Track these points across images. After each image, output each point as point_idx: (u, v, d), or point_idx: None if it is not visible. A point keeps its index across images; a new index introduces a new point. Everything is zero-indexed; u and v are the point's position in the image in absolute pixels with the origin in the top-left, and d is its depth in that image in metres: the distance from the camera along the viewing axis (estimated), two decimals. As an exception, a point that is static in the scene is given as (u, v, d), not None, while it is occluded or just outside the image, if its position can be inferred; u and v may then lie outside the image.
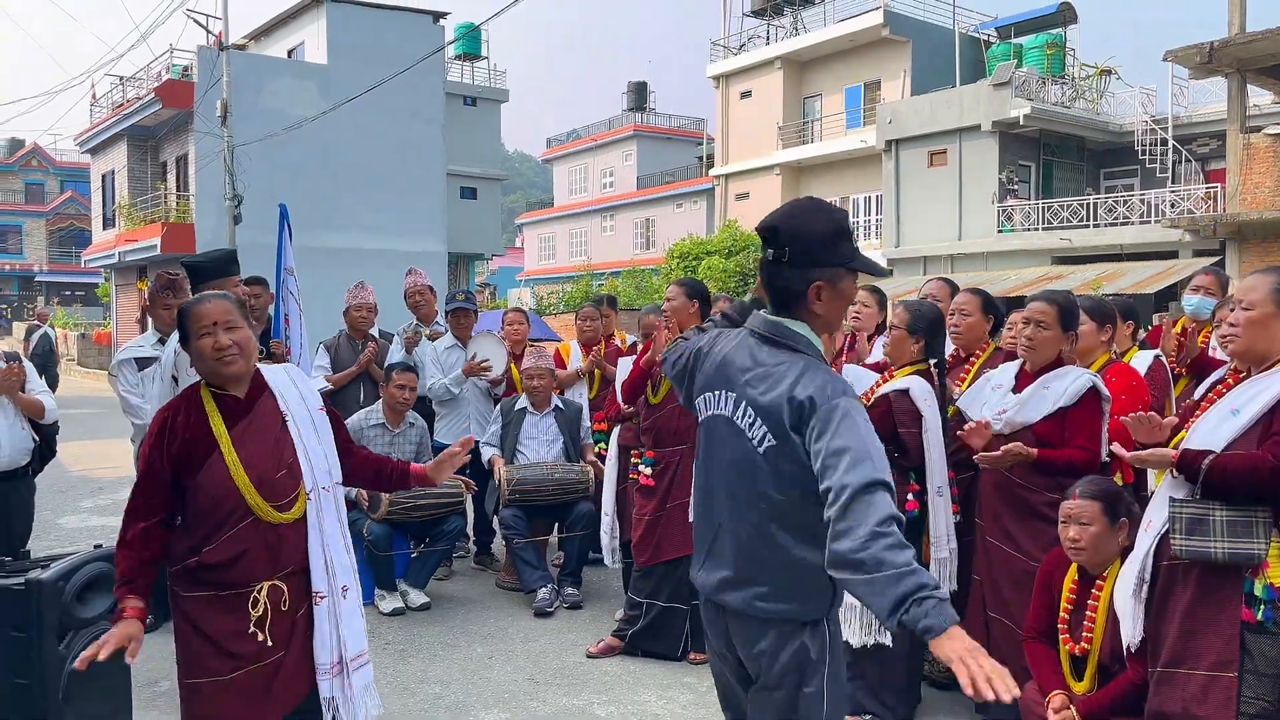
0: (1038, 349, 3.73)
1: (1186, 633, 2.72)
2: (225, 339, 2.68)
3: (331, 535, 2.77)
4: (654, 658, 4.83)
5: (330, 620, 2.74)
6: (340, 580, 2.78)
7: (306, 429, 2.79)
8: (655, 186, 39.51)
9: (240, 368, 2.71)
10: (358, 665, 2.79)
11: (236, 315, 2.73)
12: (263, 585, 2.65)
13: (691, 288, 4.99)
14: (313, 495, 2.74)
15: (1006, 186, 23.34)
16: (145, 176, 26.53)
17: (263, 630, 2.64)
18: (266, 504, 2.65)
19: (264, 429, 2.73)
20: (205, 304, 2.73)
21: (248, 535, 2.64)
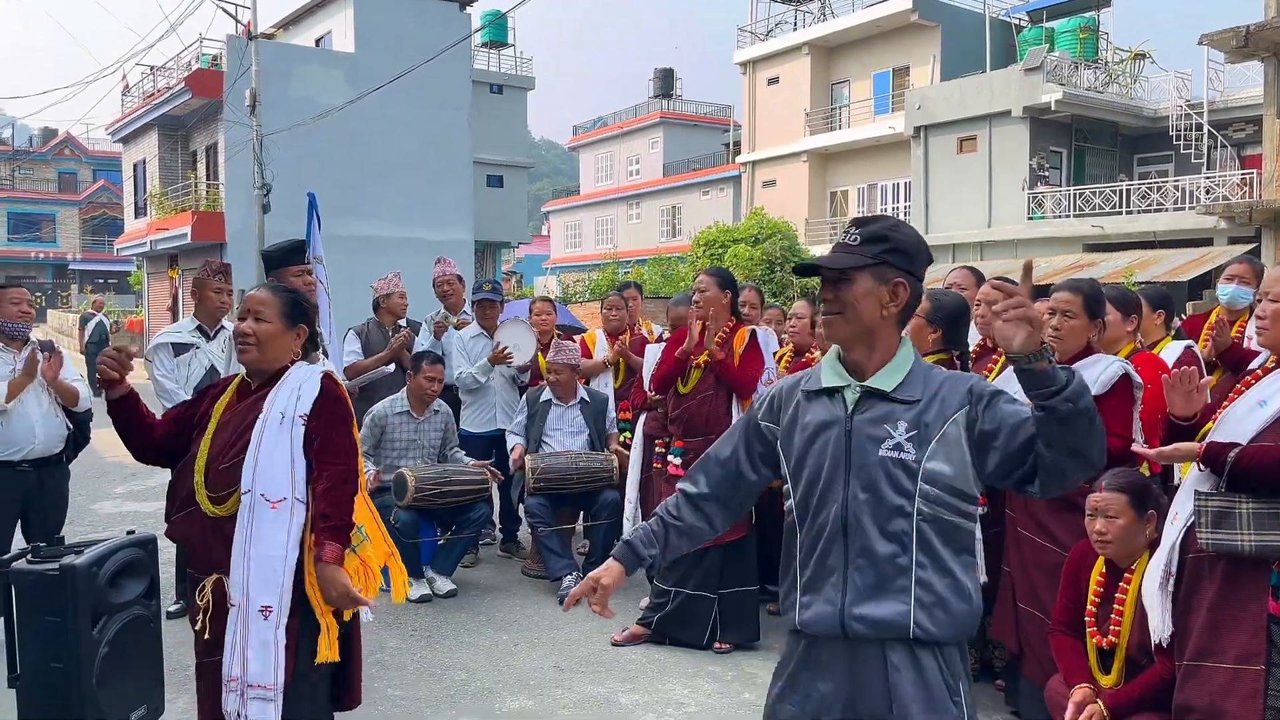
0: (1066, 339, 3.70)
1: (1213, 626, 2.69)
2: (247, 327, 2.76)
3: (263, 547, 2.61)
4: (679, 646, 4.85)
5: (237, 632, 2.60)
6: (260, 598, 2.59)
7: (274, 433, 2.68)
8: (681, 174, 39.39)
9: (252, 357, 2.78)
10: (255, 696, 2.58)
11: (272, 309, 2.78)
12: (210, 577, 2.69)
13: (723, 278, 4.99)
14: (246, 498, 2.65)
15: (1037, 173, 23.07)
16: (176, 165, 26.79)
17: (204, 621, 2.68)
18: (204, 491, 2.70)
19: (239, 420, 2.77)
20: (255, 291, 2.85)
21: (194, 519, 2.73)
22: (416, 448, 5.84)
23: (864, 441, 2.03)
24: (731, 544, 4.81)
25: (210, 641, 2.68)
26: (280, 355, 2.81)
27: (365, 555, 2.90)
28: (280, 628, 2.59)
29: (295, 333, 2.84)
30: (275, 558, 2.61)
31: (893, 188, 28.02)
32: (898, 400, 2.04)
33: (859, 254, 2.09)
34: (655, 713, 4.09)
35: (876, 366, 2.08)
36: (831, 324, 2.12)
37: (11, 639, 3.63)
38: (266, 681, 2.58)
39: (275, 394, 2.76)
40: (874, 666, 2.02)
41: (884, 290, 2.07)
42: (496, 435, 6.38)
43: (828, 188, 30.20)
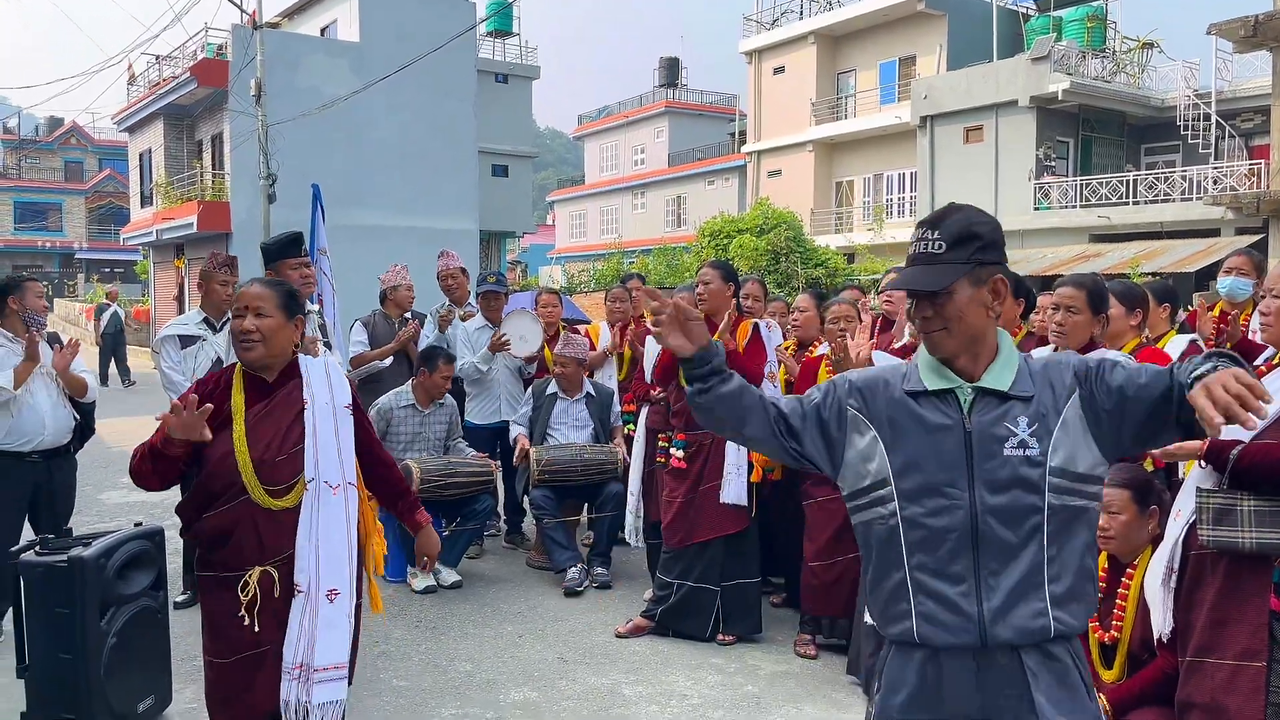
0: (1069, 334, 3.70)
1: (1215, 622, 2.70)
2: (249, 324, 2.75)
3: (327, 533, 2.72)
4: (683, 638, 4.87)
5: (305, 618, 2.66)
6: (328, 581, 2.69)
7: (324, 421, 2.79)
8: (687, 164, 39.31)
9: (258, 354, 2.77)
10: (324, 678, 2.66)
11: (271, 304, 2.77)
12: (254, 570, 2.68)
13: (726, 270, 4.99)
14: (311, 486, 2.74)
15: (1044, 163, 22.99)
16: (182, 155, 26.79)
17: (251, 615, 2.67)
18: (260, 486, 2.70)
19: (279, 413, 2.78)
20: (247, 287, 2.83)
21: (238, 515, 2.70)
22: (422, 440, 5.86)
23: (987, 443, 1.93)
24: (733, 537, 4.83)
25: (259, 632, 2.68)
26: (284, 348, 2.82)
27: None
28: (350, 612, 2.73)
29: (294, 324, 2.85)
30: (339, 542, 2.72)
31: (899, 178, 27.94)
32: (1014, 397, 1.94)
33: (950, 262, 1.95)
34: (658, 704, 4.11)
35: (985, 366, 1.98)
36: (937, 341, 1.98)
37: (21, 630, 3.67)
38: (339, 661, 2.69)
39: (308, 386, 2.81)
40: (1011, 675, 1.91)
41: (985, 292, 1.95)
42: (501, 427, 6.40)
43: (833, 178, 30.12)
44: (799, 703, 4.16)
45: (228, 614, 2.68)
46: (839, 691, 4.28)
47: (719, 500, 4.80)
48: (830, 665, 4.58)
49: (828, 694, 4.26)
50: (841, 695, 4.24)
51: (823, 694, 4.26)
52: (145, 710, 3.78)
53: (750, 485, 4.87)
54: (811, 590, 4.72)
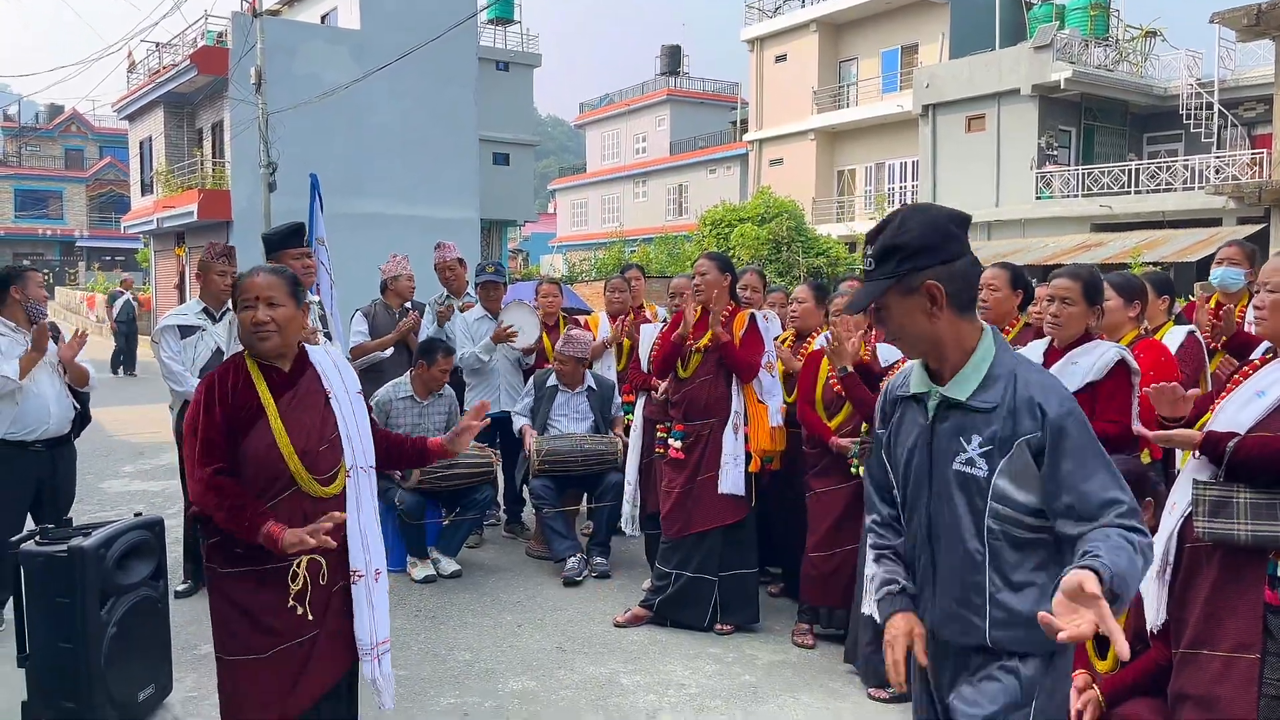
0: (1065, 325, 3.70)
1: (1209, 615, 2.71)
2: (264, 314, 2.72)
3: (368, 516, 2.84)
4: (681, 628, 4.89)
5: (368, 601, 2.81)
6: (375, 562, 2.84)
7: (347, 408, 2.84)
8: (688, 152, 39.24)
9: (274, 344, 2.74)
10: (384, 650, 2.87)
11: (281, 292, 2.75)
12: (302, 559, 2.69)
13: (723, 261, 5.00)
14: (353, 473, 2.82)
15: (1046, 152, 22.94)
16: (182, 143, 26.75)
17: (302, 604, 2.70)
18: (310, 476, 2.71)
19: (309, 403, 2.78)
20: (253, 277, 2.78)
21: (289, 507, 2.69)
22: (421, 431, 5.87)
23: (943, 453, 1.98)
24: (732, 527, 4.84)
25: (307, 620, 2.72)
26: (296, 335, 2.81)
27: None
28: (386, 585, 2.90)
29: (303, 310, 2.86)
30: (374, 523, 2.88)
31: (900, 167, 27.89)
32: (974, 409, 1.95)
33: (876, 278, 2.01)
34: (656, 693, 4.13)
35: (952, 371, 2.00)
36: (899, 348, 2.15)
37: (21, 619, 3.69)
38: (388, 634, 2.90)
39: (323, 375, 2.83)
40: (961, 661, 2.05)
41: (919, 298, 1.97)
42: (500, 417, 6.41)
43: (835, 166, 30.06)
44: (796, 692, 4.18)
45: (272, 606, 2.69)
46: (836, 680, 4.30)
47: (717, 490, 4.81)
48: (827, 655, 4.60)
49: (825, 683, 4.28)
50: (838, 684, 4.26)
51: (820, 683, 4.28)
52: (146, 699, 3.81)
53: (748, 475, 4.88)
54: (811, 580, 4.74)
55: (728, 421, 4.84)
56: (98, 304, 29.84)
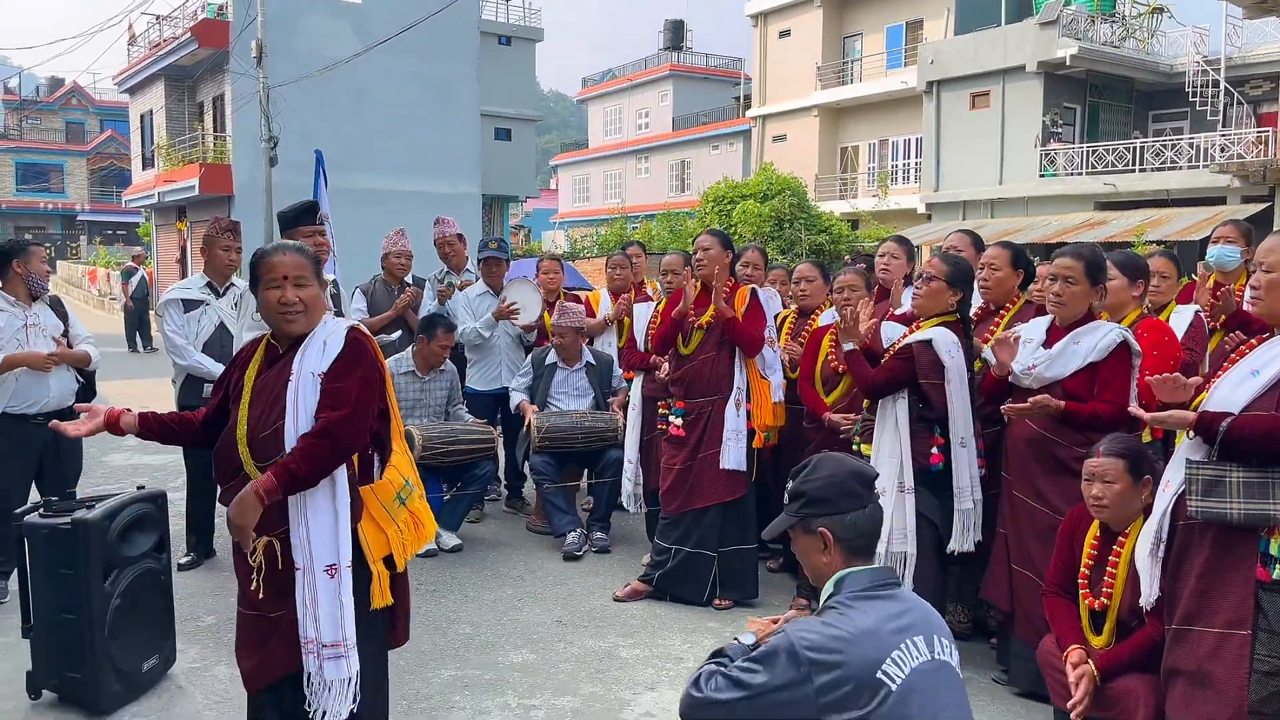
0: (1067, 304, 3.71)
1: (1202, 591, 2.73)
2: (292, 295, 2.66)
3: (316, 510, 2.61)
4: (680, 602, 4.93)
5: (308, 594, 2.60)
6: (323, 559, 2.60)
7: (306, 394, 2.64)
8: (691, 128, 39.06)
9: (302, 326, 2.69)
10: (330, 655, 2.61)
11: (308, 272, 2.70)
12: (261, 540, 2.63)
13: (725, 239, 5.00)
14: None
15: (1050, 129, 22.82)
16: (183, 117, 26.64)
17: (258, 581, 2.66)
18: (252, 461, 2.64)
19: (273, 386, 2.69)
20: (279, 255, 2.70)
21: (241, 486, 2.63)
22: (422, 406, 5.89)
23: None
24: (731, 503, 4.86)
25: (264, 599, 2.68)
26: (320, 315, 2.74)
27: (415, 508, 2.86)
28: (346, 585, 2.62)
29: (324, 288, 2.81)
30: (328, 517, 2.62)
31: (904, 144, 27.76)
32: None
33: (787, 514, 2.29)
34: (654, 667, 4.17)
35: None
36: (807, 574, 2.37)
37: (25, 591, 3.72)
38: (339, 639, 2.61)
39: (303, 355, 2.69)
40: None
41: (814, 539, 2.23)
42: (502, 393, 6.43)
43: (838, 143, 29.93)
44: (793, 666, 4.21)
45: (245, 574, 2.71)
46: (833, 656, 4.33)
47: (718, 467, 4.83)
48: (825, 630, 4.62)
49: (822, 658, 4.30)
50: (835, 659, 4.29)
51: (817, 658, 4.30)
52: (150, 669, 3.85)
53: (750, 451, 4.90)
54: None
55: (729, 398, 4.85)
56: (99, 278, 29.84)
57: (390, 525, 2.75)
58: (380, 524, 2.73)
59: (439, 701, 3.80)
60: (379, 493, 2.74)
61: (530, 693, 3.91)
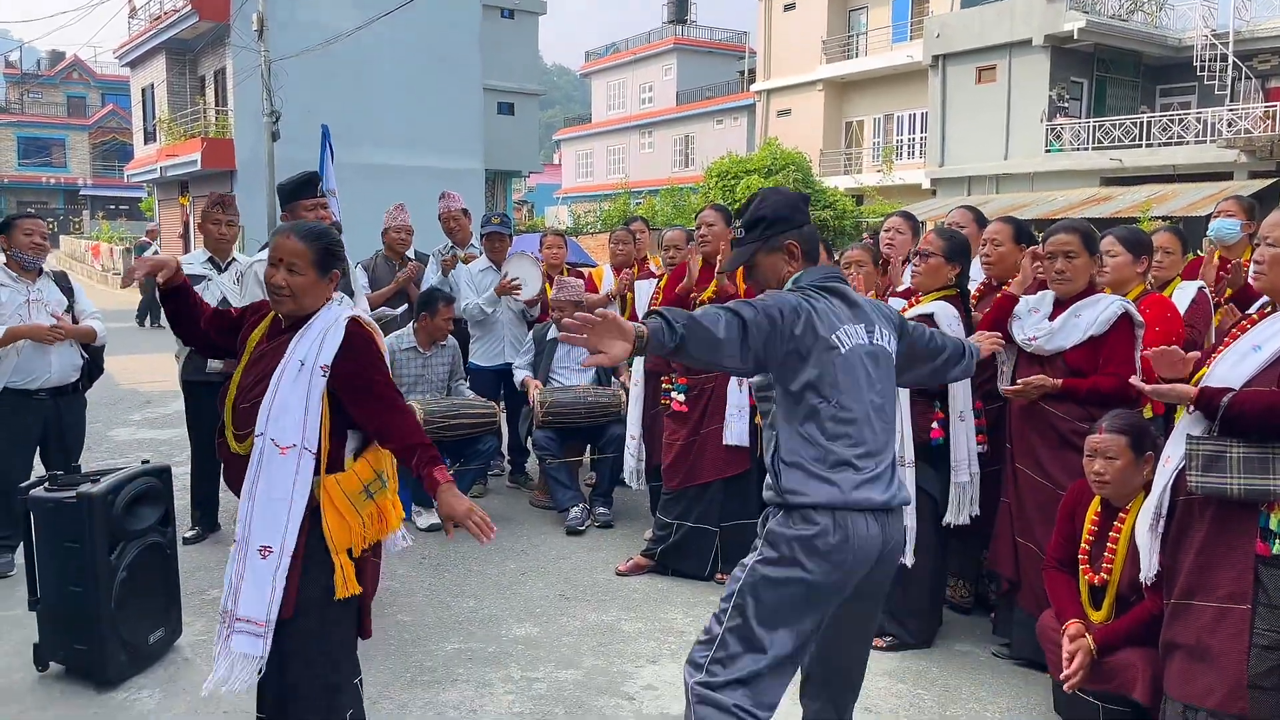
0: (1072, 279, 3.71)
1: (1201, 566, 2.74)
2: (280, 279, 2.71)
3: (268, 490, 2.63)
4: (682, 576, 4.95)
5: (233, 566, 2.66)
6: (259, 538, 2.62)
7: (292, 380, 2.67)
8: (695, 102, 38.83)
9: (289, 309, 2.75)
10: (241, 629, 2.61)
11: (304, 260, 2.71)
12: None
13: (728, 215, 4.99)
14: (259, 441, 2.66)
15: (1057, 104, 22.67)
16: (184, 91, 26.54)
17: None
18: (230, 428, 2.74)
19: (268, 359, 2.75)
20: (283, 237, 2.76)
21: (224, 450, 2.80)
22: (424, 382, 5.90)
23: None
24: (733, 478, 4.87)
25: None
26: (315, 303, 2.77)
27: (382, 503, 2.88)
28: (280, 569, 2.60)
29: (328, 280, 2.79)
30: (280, 501, 2.62)
31: (909, 118, 27.60)
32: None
33: (746, 243, 2.71)
34: (656, 640, 4.20)
35: None
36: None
37: (32, 564, 3.75)
38: (257, 618, 2.60)
39: (299, 340, 2.72)
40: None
41: (780, 255, 2.69)
42: (504, 368, 6.44)
43: (844, 118, 29.76)
44: (794, 640, 4.23)
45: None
46: (834, 630, 4.36)
47: (721, 442, 4.84)
48: (826, 604, 4.65)
49: (823, 632, 4.33)
50: (836, 633, 4.32)
51: (818, 632, 4.33)
52: (156, 642, 3.88)
53: (753, 426, 4.91)
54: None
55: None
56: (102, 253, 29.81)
57: (355, 518, 2.75)
58: (345, 515, 2.72)
59: (443, 674, 3.83)
60: (343, 483, 2.73)
61: (533, 665, 3.94)
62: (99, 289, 26.88)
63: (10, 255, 4.81)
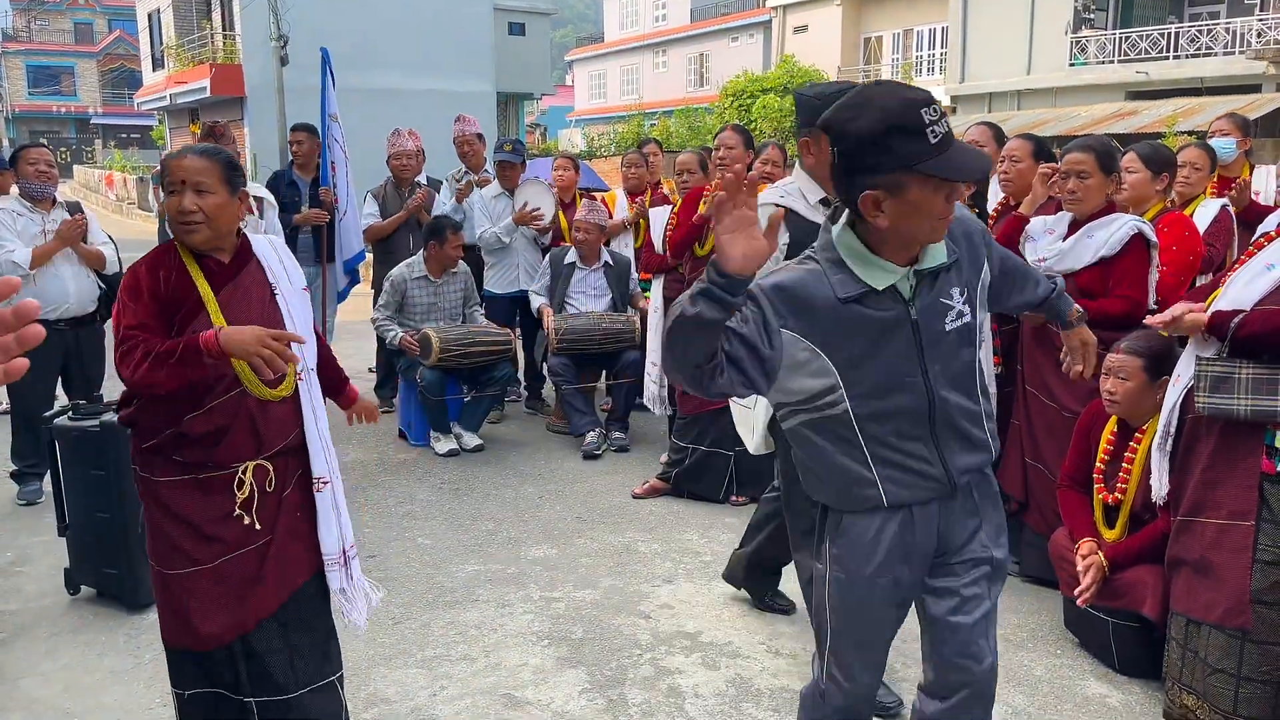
0: (1084, 199, 3.65)
1: (1207, 483, 2.75)
2: (190, 202, 2.39)
3: (323, 420, 2.60)
4: (697, 499, 5.01)
5: (334, 508, 2.59)
6: (336, 468, 2.63)
7: (296, 304, 2.58)
8: (709, 19, 37.94)
9: (203, 237, 2.43)
10: (354, 554, 2.67)
11: (214, 178, 2.41)
12: (247, 465, 2.45)
13: (747, 136, 4.92)
14: (304, 374, 2.55)
15: (1082, 15, 22.01)
16: (190, 15, 26.15)
17: (249, 513, 2.46)
18: (255, 376, 2.40)
19: (251, 297, 2.50)
20: (180, 158, 2.44)
21: (232, 408, 2.43)
22: (437, 310, 5.91)
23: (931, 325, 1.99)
24: (748, 402, 4.89)
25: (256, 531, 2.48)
26: (230, 227, 2.49)
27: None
28: (340, 494, 2.64)
29: (238, 200, 2.49)
30: (326, 428, 2.63)
31: (929, 33, 26.92)
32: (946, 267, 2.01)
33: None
34: (672, 560, 4.27)
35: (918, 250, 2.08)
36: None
37: (59, 492, 3.83)
38: (351, 542, 2.67)
39: (267, 267, 2.56)
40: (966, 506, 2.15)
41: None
42: (519, 295, 6.44)
43: (862, 33, 29.05)
44: (808, 560, 4.30)
45: (213, 515, 2.45)
46: (847, 550, 4.42)
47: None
48: (840, 525, 4.70)
49: (836, 552, 4.39)
50: (850, 553, 4.38)
51: (832, 552, 4.39)
52: (183, 565, 3.97)
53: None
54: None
55: (747, 300, 4.83)
56: (116, 183, 29.76)
57: None
58: None
59: (463, 595, 3.92)
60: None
61: (551, 585, 4.02)
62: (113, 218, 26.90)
63: (22, 186, 4.83)
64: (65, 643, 3.53)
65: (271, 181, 6.51)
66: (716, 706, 3.11)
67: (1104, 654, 3.34)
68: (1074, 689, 3.22)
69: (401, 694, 3.17)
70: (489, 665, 3.36)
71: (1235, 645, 2.68)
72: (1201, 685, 2.75)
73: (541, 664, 3.37)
